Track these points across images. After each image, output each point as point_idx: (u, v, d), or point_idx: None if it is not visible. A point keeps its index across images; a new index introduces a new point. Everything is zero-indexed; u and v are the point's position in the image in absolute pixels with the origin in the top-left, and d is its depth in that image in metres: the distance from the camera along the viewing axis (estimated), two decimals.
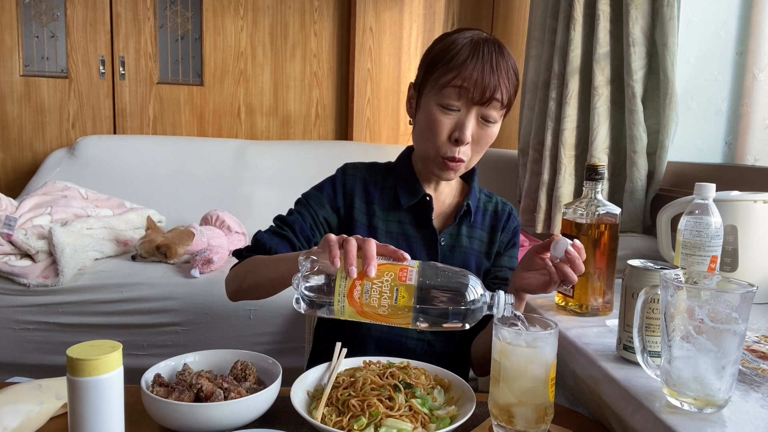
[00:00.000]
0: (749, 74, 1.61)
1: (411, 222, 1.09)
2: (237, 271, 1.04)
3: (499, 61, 0.98)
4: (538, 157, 2.09)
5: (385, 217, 1.09)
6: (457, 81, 0.97)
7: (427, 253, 1.08)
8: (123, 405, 0.66)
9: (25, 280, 1.80)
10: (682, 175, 1.71)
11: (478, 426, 0.79)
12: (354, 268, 0.71)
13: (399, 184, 1.10)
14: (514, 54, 1.05)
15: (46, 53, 2.71)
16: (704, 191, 0.98)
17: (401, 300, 0.71)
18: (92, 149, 2.57)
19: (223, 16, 2.87)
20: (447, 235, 1.10)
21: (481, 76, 0.96)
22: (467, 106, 0.98)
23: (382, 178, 1.12)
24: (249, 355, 0.89)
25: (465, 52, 0.97)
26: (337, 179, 1.11)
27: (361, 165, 1.14)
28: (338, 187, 1.10)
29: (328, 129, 3.08)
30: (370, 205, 1.09)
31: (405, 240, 1.08)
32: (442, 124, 0.99)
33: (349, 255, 0.72)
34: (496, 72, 0.97)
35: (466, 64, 0.96)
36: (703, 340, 0.66)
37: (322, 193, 1.10)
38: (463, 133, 0.98)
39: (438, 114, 0.99)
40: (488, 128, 1.01)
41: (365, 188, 1.10)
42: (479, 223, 1.13)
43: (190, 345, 1.83)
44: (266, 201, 2.57)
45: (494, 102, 0.98)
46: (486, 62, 0.97)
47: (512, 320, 0.74)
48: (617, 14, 1.77)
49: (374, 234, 1.08)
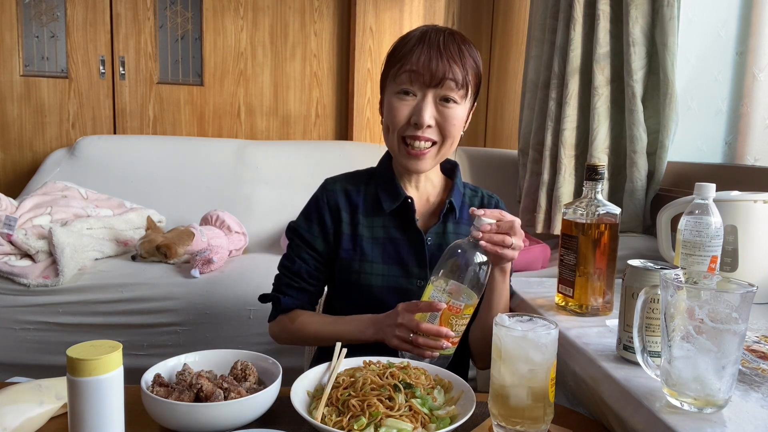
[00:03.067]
0: (749, 74, 1.61)
1: (395, 225, 1.09)
2: (285, 327, 1.12)
3: (448, 43, 1.00)
4: (538, 157, 2.09)
5: (369, 224, 1.10)
6: (407, 66, 1.00)
7: (414, 254, 1.08)
8: (123, 405, 0.66)
9: (25, 280, 1.80)
10: (682, 175, 1.71)
11: (478, 426, 0.79)
12: (430, 352, 0.93)
13: (380, 189, 1.11)
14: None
15: (46, 53, 2.71)
16: (704, 191, 0.98)
17: (467, 312, 0.93)
18: (92, 149, 2.57)
19: (223, 16, 2.87)
20: (433, 234, 1.10)
21: (428, 59, 0.99)
22: (422, 90, 1.01)
23: (365, 184, 1.13)
24: (249, 355, 0.89)
25: (413, 41, 1.02)
26: (320, 199, 1.13)
27: (341, 177, 1.16)
28: (323, 207, 1.12)
29: (328, 129, 3.08)
30: (354, 215, 1.10)
31: (391, 244, 1.09)
32: (400, 110, 1.02)
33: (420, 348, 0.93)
34: (444, 53, 0.99)
35: (413, 50, 1.00)
36: (703, 340, 0.66)
37: (311, 221, 1.12)
38: (421, 116, 1.00)
39: (396, 102, 1.02)
40: (450, 109, 1.02)
41: (348, 199, 1.11)
42: (465, 218, 1.13)
43: (190, 345, 1.83)
44: (266, 201, 2.57)
45: (447, 82, 0.99)
46: (433, 46, 1.00)
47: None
48: (617, 14, 1.77)
49: (359, 242, 1.08)
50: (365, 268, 1.08)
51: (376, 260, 1.08)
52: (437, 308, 0.91)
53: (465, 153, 2.67)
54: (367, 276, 1.07)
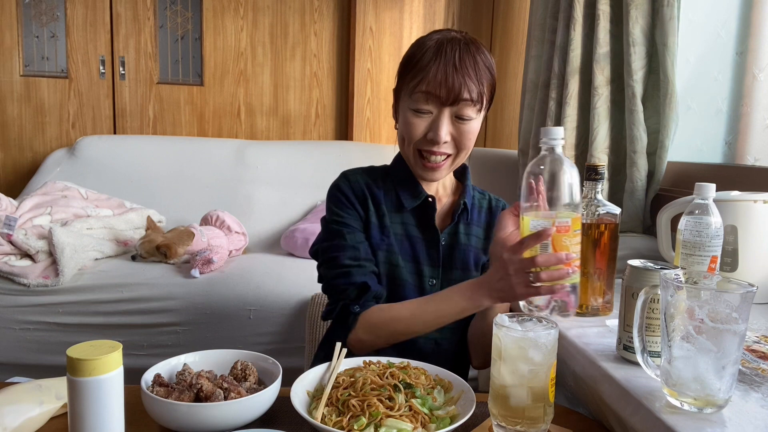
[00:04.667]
0: (749, 74, 1.61)
1: (414, 223, 1.10)
2: (380, 319, 1.01)
3: (464, 58, 0.99)
4: None
5: (390, 219, 1.10)
6: (422, 86, 0.99)
7: (428, 253, 1.09)
8: (123, 405, 0.66)
9: (25, 280, 1.80)
10: (682, 175, 1.71)
11: (478, 426, 0.79)
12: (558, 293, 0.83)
13: (399, 187, 1.10)
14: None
15: (46, 53, 2.71)
16: (704, 191, 0.98)
17: (576, 227, 0.83)
18: (92, 149, 2.57)
19: (223, 16, 2.87)
20: (447, 235, 1.10)
21: (444, 78, 0.97)
22: (438, 108, 1.00)
23: (382, 180, 1.13)
24: (249, 355, 0.89)
25: (429, 55, 1.00)
26: (345, 188, 1.10)
27: (359, 170, 1.15)
28: (350, 196, 1.09)
29: (328, 129, 3.08)
30: (379, 206, 1.10)
31: (408, 241, 1.09)
32: (417, 127, 1.02)
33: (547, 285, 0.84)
34: (461, 71, 0.98)
35: (429, 66, 0.98)
36: (703, 340, 0.66)
37: (345, 206, 1.08)
38: (437, 134, 1.00)
39: (412, 118, 1.02)
40: (465, 125, 1.02)
41: (371, 191, 1.11)
42: (475, 220, 1.14)
43: (190, 345, 1.83)
44: (266, 201, 2.57)
45: (463, 102, 0.99)
46: (449, 62, 0.98)
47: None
48: (617, 14, 1.77)
49: (387, 233, 1.08)
50: (392, 259, 1.07)
51: (401, 254, 1.08)
52: (547, 234, 0.81)
53: None
54: (393, 267, 1.07)
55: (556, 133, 0.83)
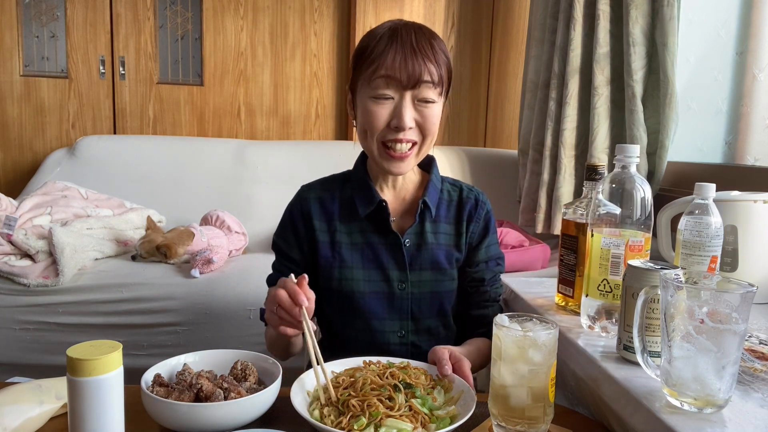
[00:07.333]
0: (749, 74, 1.61)
1: (372, 230, 1.08)
2: (267, 339, 1.14)
3: (420, 40, 0.98)
4: (538, 157, 2.09)
5: (347, 230, 1.08)
6: (381, 71, 0.97)
7: (393, 257, 1.07)
8: (123, 405, 0.66)
9: (25, 280, 1.80)
10: (682, 175, 1.71)
11: (478, 426, 0.79)
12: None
13: (355, 193, 1.09)
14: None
15: (46, 53, 2.71)
16: (704, 191, 0.98)
17: (647, 247, 0.82)
18: (92, 149, 2.57)
19: (223, 16, 2.87)
20: (411, 235, 1.08)
21: (403, 61, 0.96)
22: (399, 92, 0.98)
23: (340, 189, 1.12)
24: (249, 355, 0.89)
25: (384, 41, 0.99)
26: (294, 208, 1.12)
27: (316, 183, 1.15)
28: (296, 216, 1.11)
29: (328, 129, 3.08)
30: (330, 222, 1.09)
31: (370, 248, 1.07)
32: (379, 115, 0.99)
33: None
34: (419, 53, 0.97)
35: (386, 52, 0.97)
36: (703, 340, 0.66)
37: (287, 231, 1.12)
38: (401, 120, 0.98)
39: (372, 106, 0.99)
40: (428, 109, 1.00)
41: (322, 206, 1.10)
42: (443, 216, 1.10)
43: (190, 345, 1.83)
44: (266, 201, 2.57)
45: (424, 84, 0.98)
46: (406, 45, 0.97)
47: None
48: (617, 14, 1.77)
49: (338, 249, 1.07)
50: (346, 274, 1.06)
51: (356, 266, 1.06)
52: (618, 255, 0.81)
53: (465, 153, 2.66)
54: (349, 282, 1.06)
55: (632, 151, 0.83)
